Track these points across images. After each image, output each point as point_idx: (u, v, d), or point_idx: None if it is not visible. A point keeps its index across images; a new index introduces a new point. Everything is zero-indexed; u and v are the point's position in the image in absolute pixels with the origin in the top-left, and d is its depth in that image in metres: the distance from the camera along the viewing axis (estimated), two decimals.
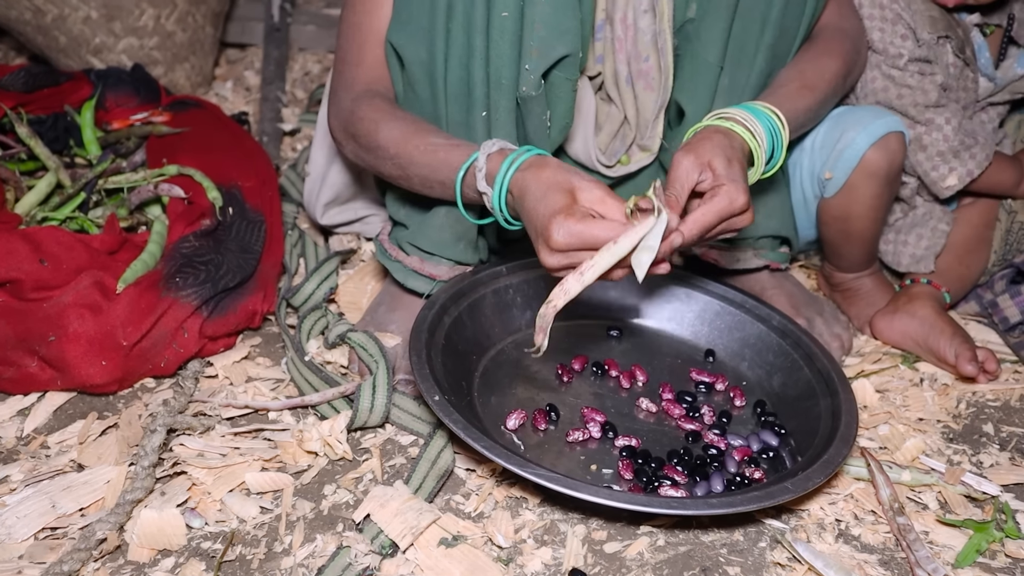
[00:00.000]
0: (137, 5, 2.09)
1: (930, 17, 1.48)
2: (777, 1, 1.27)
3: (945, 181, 1.49)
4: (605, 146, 1.42)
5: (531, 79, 1.23)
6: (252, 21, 2.49)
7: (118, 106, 1.83)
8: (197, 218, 1.49)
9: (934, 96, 1.47)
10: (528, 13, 1.19)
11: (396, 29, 1.25)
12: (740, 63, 1.31)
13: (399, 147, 1.22)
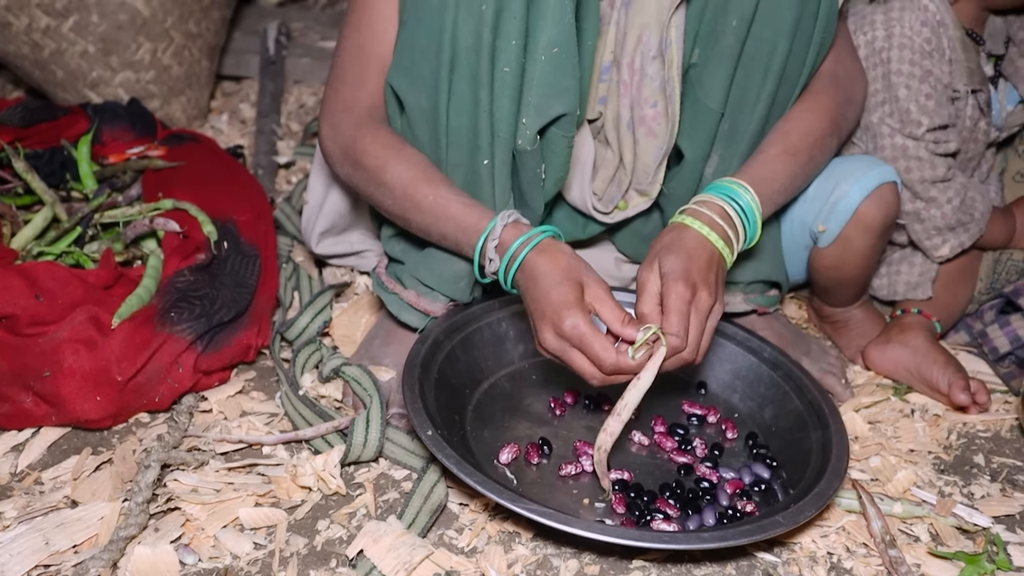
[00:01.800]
0: (134, 39, 2.11)
1: (968, 69, 1.49)
2: (780, 50, 1.28)
3: (938, 251, 1.52)
4: (602, 191, 1.43)
5: (527, 134, 1.24)
6: (248, 54, 2.51)
7: (114, 140, 1.85)
8: (192, 252, 1.50)
9: (941, 172, 1.48)
10: (529, 70, 1.21)
11: (397, 74, 1.26)
12: (741, 109, 1.32)
13: (406, 190, 1.24)
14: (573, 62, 1.22)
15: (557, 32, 1.19)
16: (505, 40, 1.18)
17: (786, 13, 1.25)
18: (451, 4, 1.17)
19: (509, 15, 1.17)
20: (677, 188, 1.41)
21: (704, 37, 1.29)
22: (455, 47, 1.19)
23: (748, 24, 1.26)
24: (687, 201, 1.38)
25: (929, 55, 1.46)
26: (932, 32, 1.47)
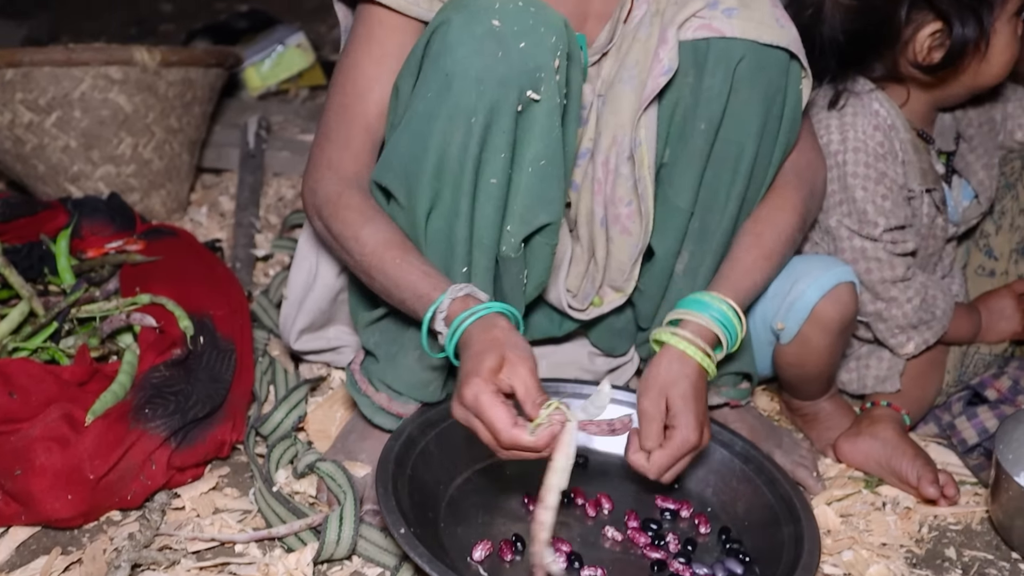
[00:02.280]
0: (115, 134, 2.15)
1: (921, 169, 1.54)
2: (748, 152, 1.32)
3: (903, 348, 1.55)
4: (576, 288, 1.46)
5: (512, 242, 1.27)
6: (228, 147, 2.55)
7: (93, 234, 1.87)
8: (168, 347, 1.50)
9: (901, 272, 1.52)
10: (515, 180, 1.24)
11: (382, 171, 1.29)
12: (711, 208, 1.36)
13: (377, 248, 1.25)
14: (559, 173, 1.25)
15: (544, 146, 1.23)
16: (493, 153, 1.21)
17: (753, 117, 1.30)
18: (441, 114, 1.19)
19: (498, 129, 1.20)
20: (648, 284, 1.44)
21: (674, 138, 1.34)
22: (441, 156, 1.21)
23: (716, 127, 1.31)
24: (659, 297, 1.42)
25: (883, 158, 1.51)
26: (884, 136, 1.52)
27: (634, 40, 1.33)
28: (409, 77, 1.26)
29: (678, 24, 1.27)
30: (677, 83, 1.30)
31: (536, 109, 1.21)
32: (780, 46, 1.28)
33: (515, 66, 1.17)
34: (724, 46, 1.27)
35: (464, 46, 1.17)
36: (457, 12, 1.19)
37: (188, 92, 2.24)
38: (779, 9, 1.30)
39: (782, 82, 1.30)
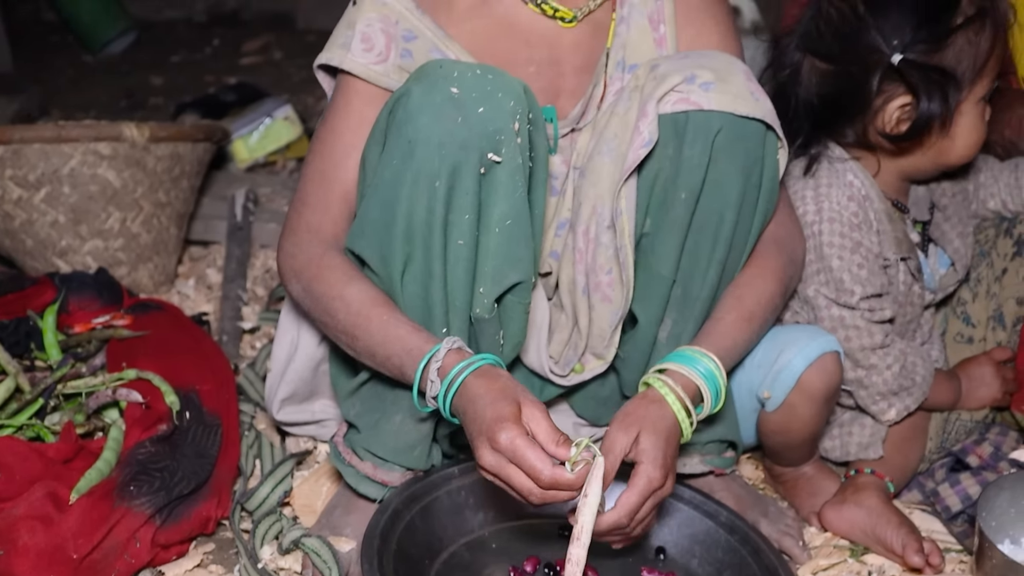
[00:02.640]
0: (104, 209, 2.17)
1: (896, 238, 1.57)
2: (728, 221, 1.35)
3: (885, 415, 1.57)
4: (558, 354, 1.48)
5: (484, 303, 1.30)
6: (216, 219, 2.57)
7: (80, 309, 1.88)
8: (154, 423, 1.51)
9: (879, 339, 1.54)
10: (483, 241, 1.27)
11: (354, 238, 1.32)
12: (693, 276, 1.39)
13: (362, 307, 1.27)
14: (526, 232, 1.28)
15: (509, 205, 1.26)
16: (458, 214, 1.25)
17: (732, 186, 1.34)
18: (406, 179, 1.24)
19: (462, 190, 1.24)
20: (632, 352, 1.46)
21: (655, 208, 1.37)
22: (410, 220, 1.25)
23: (696, 196, 1.34)
24: (642, 364, 1.43)
25: (858, 227, 1.54)
26: (859, 206, 1.55)
27: (612, 114, 1.37)
28: (375, 146, 1.30)
29: (657, 98, 1.31)
30: (657, 154, 1.34)
31: (498, 170, 1.25)
32: (756, 118, 1.32)
33: (475, 130, 1.22)
34: (702, 118, 1.31)
35: (425, 114, 1.22)
36: (417, 82, 1.25)
37: (176, 167, 2.27)
38: (753, 83, 1.34)
39: (759, 152, 1.34)
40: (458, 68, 1.25)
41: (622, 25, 1.43)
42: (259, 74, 4.08)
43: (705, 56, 1.35)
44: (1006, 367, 1.67)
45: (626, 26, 1.43)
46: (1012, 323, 1.70)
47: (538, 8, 1.39)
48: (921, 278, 1.62)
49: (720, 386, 1.31)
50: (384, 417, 1.38)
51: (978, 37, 1.47)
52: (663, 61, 1.36)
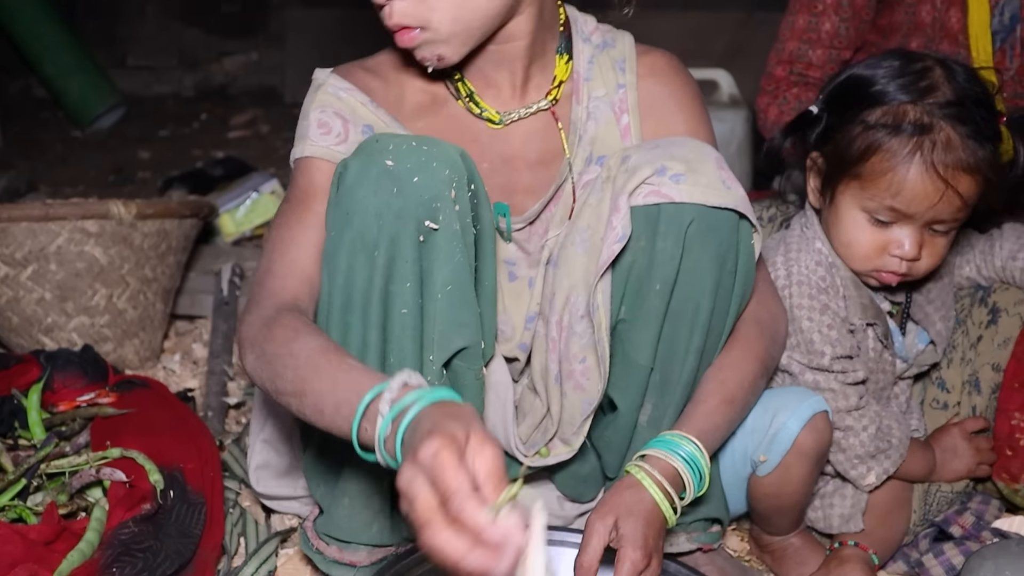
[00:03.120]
0: (90, 286, 2.18)
1: (861, 304, 1.60)
2: (704, 308, 1.37)
3: (864, 480, 1.58)
4: (526, 436, 1.49)
5: (433, 369, 1.32)
6: (202, 294, 2.59)
7: (65, 387, 1.88)
8: (138, 502, 1.50)
9: (854, 401, 1.56)
10: (428, 309, 1.30)
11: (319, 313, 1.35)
12: (671, 362, 1.40)
13: (310, 357, 1.15)
14: (469, 297, 1.31)
15: (450, 271, 1.29)
16: (400, 284, 1.27)
17: (706, 275, 1.35)
18: (346, 250, 1.27)
19: (401, 259, 1.27)
20: (612, 436, 1.46)
21: (630, 296, 1.39)
22: (349, 292, 1.28)
23: (671, 287, 1.36)
24: (623, 448, 1.44)
25: (825, 291, 1.58)
26: (826, 271, 1.59)
27: (585, 205, 1.39)
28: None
29: (629, 192, 1.33)
30: (631, 247, 1.35)
31: (437, 237, 1.27)
32: (728, 207, 1.34)
33: (411, 200, 1.25)
34: (674, 211, 1.33)
35: (362, 187, 1.26)
36: (355, 157, 1.29)
37: (163, 243, 2.29)
38: (725, 171, 1.36)
39: (733, 239, 1.36)
40: (394, 141, 1.28)
41: (590, 122, 1.46)
42: (246, 148, 4.13)
43: (675, 145, 1.37)
44: (979, 437, 1.68)
45: (594, 122, 1.46)
46: (990, 390, 1.72)
47: (465, 107, 1.44)
48: (891, 345, 1.64)
49: (703, 468, 1.32)
50: (335, 499, 1.39)
51: (866, 144, 1.50)
52: (634, 152, 1.38)
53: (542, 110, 1.46)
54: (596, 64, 1.48)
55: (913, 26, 2.03)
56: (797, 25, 2.10)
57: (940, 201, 1.47)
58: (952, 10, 2.00)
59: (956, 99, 1.48)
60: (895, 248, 1.53)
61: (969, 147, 1.47)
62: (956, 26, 1.99)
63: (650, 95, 1.48)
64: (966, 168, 1.47)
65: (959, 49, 2.01)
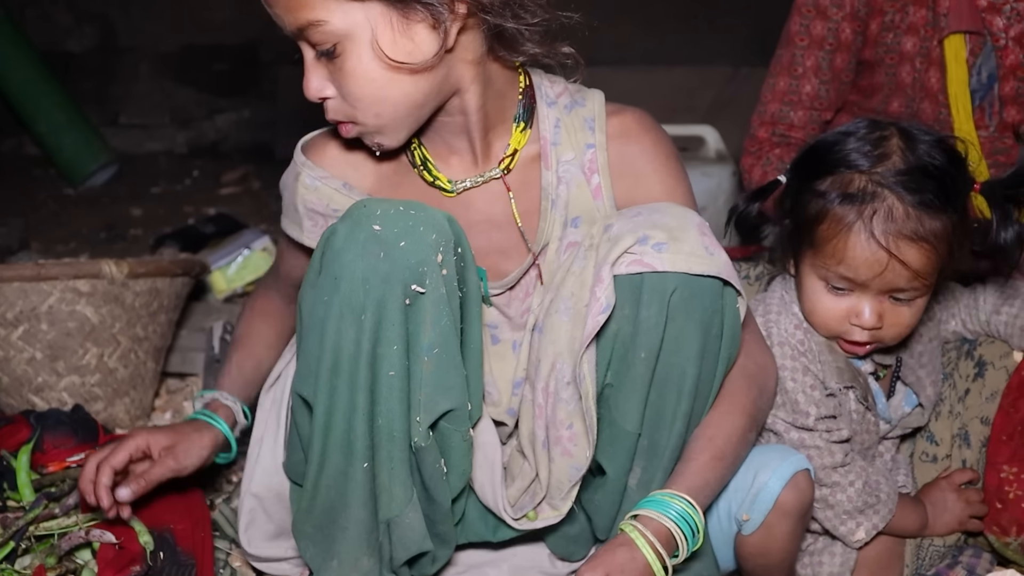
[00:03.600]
0: (81, 345, 2.19)
1: (837, 368, 1.61)
2: (690, 374, 1.38)
3: (854, 536, 1.59)
4: (515, 499, 1.49)
5: (420, 431, 1.33)
6: (193, 351, 2.59)
7: (55, 448, 1.88)
8: (127, 564, 1.50)
9: (840, 457, 1.58)
10: (414, 371, 1.31)
11: (298, 380, 1.37)
12: (659, 427, 1.41)
13: (234, 339, 1.75)
14: (455, 360, 1.33)
15: (436, 334, 1.31)
16: (387, 346, 1.29)
17: (691, 342, 1.36)
18: (333, 314, 1.29)
19: (388, 323, 1.29)
20: (602, 500, 1.47)
21: (616, 363, 1.40)
22: (337, 353, 1.30)
23: (656, 354, 1.37)
24: (614, 511, 1.44)
25: (804, 354, 1.60)
26: (804, 334, 1.61)
27: (568, 272, 1.41)
28: (310, 288, 1.35)
29: (611, 262, 1.34)
30: (616, 315, 1.36)
31: (424, 300, 1.29)
32: (711, 275, 1.35)
33: (398, 264, 1.27)
34: (657, 280, 1.34)
35: (349, 251, 1.28)
36: (343, 222, 1.31)
37: (155, 301, 2.29)
38: (708, 237, 1.37)
39: (717, 305, 1.37)
40: (381, 206, 1.31)
41: (561, 186, 1.47)
42: (238, 204, 4.14)
43: (657, 212, 1.38)
44: (969, 489, 1.69)
45: (565, 186, 1.47)
46: (980, 444, 1.73)
47: (419, 174, 1.47)
48: (874, 406, 1.64)
49: (697, 525, 1.32)
50: (325, 561, 1.40)
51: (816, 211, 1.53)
52: (616, 220, 1.39)
53: (494, 179, 1.47)
54: (563, 127, 1.48)
55: (894, 86, 2.07)
56: (778, 87, 2.14)
57: (886, 270, 1.48)
58: (932, 70, 2.03)
59: (907, 169, 1.48)
60: (854, 317, 1.55)
61: (914, 217, 1.47)
62: (936, 86, 2.03)
63: (621, 155, 1.48)
64: (911, 238, 1.47)
65: (940, 108, 2.04)
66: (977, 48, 2.03)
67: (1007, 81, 2.04)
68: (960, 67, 2.02)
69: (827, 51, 2.08)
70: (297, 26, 1.30)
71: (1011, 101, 2.05)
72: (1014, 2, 2.01)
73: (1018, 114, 2.06)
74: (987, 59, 2.04)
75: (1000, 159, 2.09)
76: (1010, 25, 2.02)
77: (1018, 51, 2.02)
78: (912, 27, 2.05)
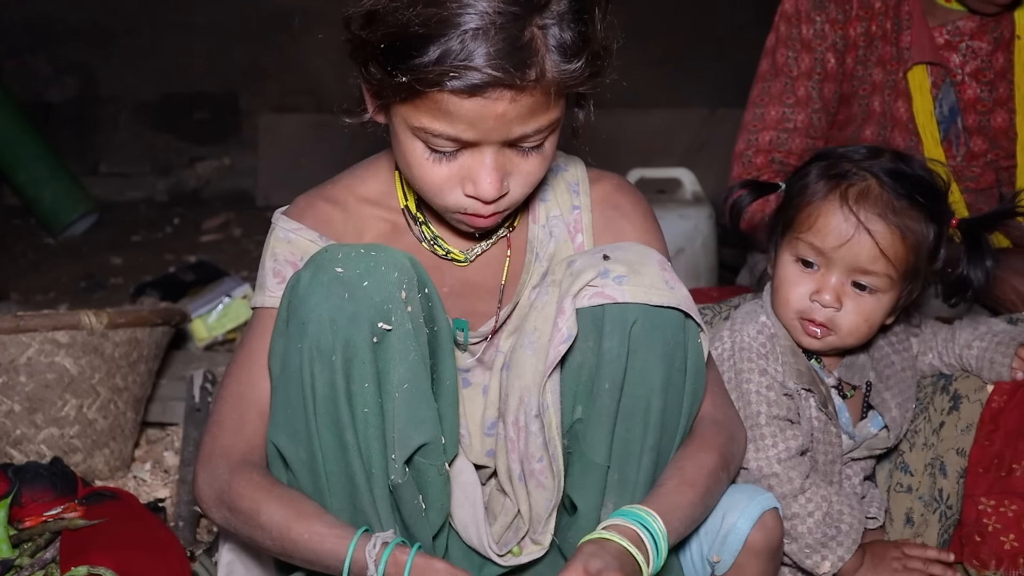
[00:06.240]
0: (60, 396, 2.18)
1: (797, 370, 1.65)
2: (655, 407, 1.39)
3: (820, 569, 1.60)
4: (498, 536, 1.49)
5: (396, 467, 1.34)
6: (173, 401, 2.58)
7: (34, 501, 1.86)
8: None
9: (798, 483, 1.59)
10: (387, 407, 1.32)
11: (276, 432, 1.37)
12: (627, 461, 1.41)
13: (281, 531, 1.31)
14: (426, 395, 1.34)
15: (405, 369, 1.32)
16: (359, 384, 1.30)
17: (654, 373, 1.38)
18: (306, 359, 1.30)
19: (358, 361, 1.30)
20: (575, 537, 1.46)
21: (583, 396, 1.41)
22: (315, 397, 1.31)
23: (620, 386, 1.38)
24: None
25: (764, 356, 1.65)
26: (767, 339, 1.66)
27: (531, 308, 1.43)
28: (279, 337, 1.36)
29: (573, 294, 1.37)
30: (580, 347, 1.38)
31: (391, 337, 1.31)
32: (671, 306, 1.37)
33: (363, 303, 1.29)
34: (618, 311, 1.36)
35: (314, 295, 1.30)
36: (306, 268, 1.33)
37: (134, 351, 2.29)
38: (668, 272, 1.40)
39: (680, 337, 1.39)
40: (342, 250, 1.33)
41: (549, 241, 1.52)
42: (219, 251, 4.15)
43: (619, 249, 1.42)
44: (914, 560, 1.68)
45: (554, 240, 1.52)
46: (956, 474, 1.75)
47: (431, 250, 1.49)
48: (834, 416, 1.67)
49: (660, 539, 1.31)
50: None
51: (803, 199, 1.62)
52: (579, 257, 1.43)
53: (501, 238, 1.52)
54: (551, 187, 1.55)
55: (867, 116, 2.14)
56: (769, 116, 2.19)
57: (853, 242, 1.56)
58: (899, 100, 2.11)
59: (895, 169, 1.59)
60: (815, 294, 1.61)
61: (887, 198, 1.56)
62: (904, 115, 2.11)
63: (603, 216, 1.54)
64: (881, 215, 1.56)
65: (909, 136, 2.11)
66: (939, 80, 2.12)
67: (969, 114, 2.13)
68: (925, 97, 2.10)
69: (816, 80, 2.16)
70: (533, 129, 1.30)
71: (976, 132, 2.14)
72: (968, 40, 2.10)
73: (984, 143, 2.13)
74: (947, 93, 2.13)
75: (970, 185, 2.16)
76: (966, 62, 2.12)
77: (975, 86, 2.12)
78: (880, 60, 2.14)
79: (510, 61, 1.21)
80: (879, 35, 2.12)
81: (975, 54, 2.10)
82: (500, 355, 1.50)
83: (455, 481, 1.47)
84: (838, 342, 1.65)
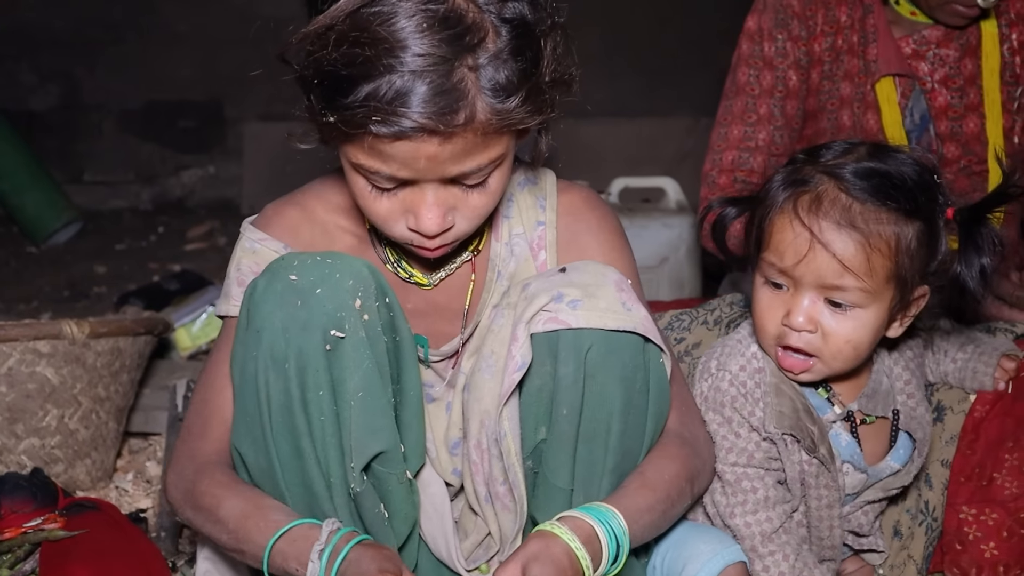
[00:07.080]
0: (41, 407, 2.16)
1: (779, 413, 1.51)
2: (615, 429, 1.37)
3: None
4: (468, 553, 1.50)
5: (355, 475, 1.33)
6: (156, 410, 2.56)
7: (14, 512, 1.84)
8: None
9: (777, 523, 1.53)
10: (343, 416, 1.32)
11: (238, 438, 1.37)
12: (589, 483, 1.39)
13: (238, 523, 1.31)
14: (381, 403, 1.33)
15: (360, 377, 1.31)
16: (313, 392, 1.30)
17: (612, 398, 1.36)
18: (261, 367, 1.30)
19: (312, 369, 1.30)
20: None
21: (544, 420, 1.40)
22: (270, 405, 1.31)
23: (578, 411, 1.36)
24: None
25: (744, 396, 1.53)
26: (748, 376, 1.55)
27: (489, 331, 1.43)
28: (239, 346, 1.36)
29: (526, 320, 1.35)
30: (538, 371, 1.37)
31: (344, 345, 1.30)
32: (627, 330, 1.35)
33: (315, 311, 1.29)
34: (572, 336, 1.34)
35: (268, 303, 1.30)
36: (262, 276, 1.34)
37: (116, 361, 2.28)
38: (626, 293, 1.37)
39: (639, 360, 1.37)
40: (298, 258, 1.34)
41: (510, 259, 1.51)
42: (204, 260, 4.14)
43: (575, 270, 1.39)
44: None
45: (515, 259, 1.51)
46: (941, 486, 1.74)
47: (394, 272, 1.49)
48: (829, 459, 1.54)
49: (622, 534, 1.29)
50: None
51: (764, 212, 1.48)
52: (534, 280, 1.41)
53: (465, 261, 1.51)
54: (516, 203, 1.52)
55: (836, 130, 2.17)
56: (732, 135, 2.20)
57: (811, 258, 1.41)
58: (869, 113, 2.14)
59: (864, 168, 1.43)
60: (786, 318, 1.46)
61: (844, 202, 1.41)
62: (874, 127, 2.13)
63: (568, 231, 1.52)
64: (837, 223, 1.40)
65: None
66: (908, 91, 2.14)
67: (940, 121, 2.15)
68: (893, 109, 2.12)
69: (778, 98, 2.17)
70: (471, 168, 1.27)
71: (948, 138, 2.15)
72: (936, 48, 2.13)
73: (957, 149, 2.16)
74: (917, 101, 2.15)
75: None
76: (934, 69, 2.14)
77: (945, 93, 2.14)
78: (848, 73, 2.16)
79: (436, 106, 1.17)
80: (845, 49, 2.14)
81: (943, 61, 2.13)
82: (461, 376, 1.50)
83: (424, 492, 1.47)
84: (826, 369, 1.50)
